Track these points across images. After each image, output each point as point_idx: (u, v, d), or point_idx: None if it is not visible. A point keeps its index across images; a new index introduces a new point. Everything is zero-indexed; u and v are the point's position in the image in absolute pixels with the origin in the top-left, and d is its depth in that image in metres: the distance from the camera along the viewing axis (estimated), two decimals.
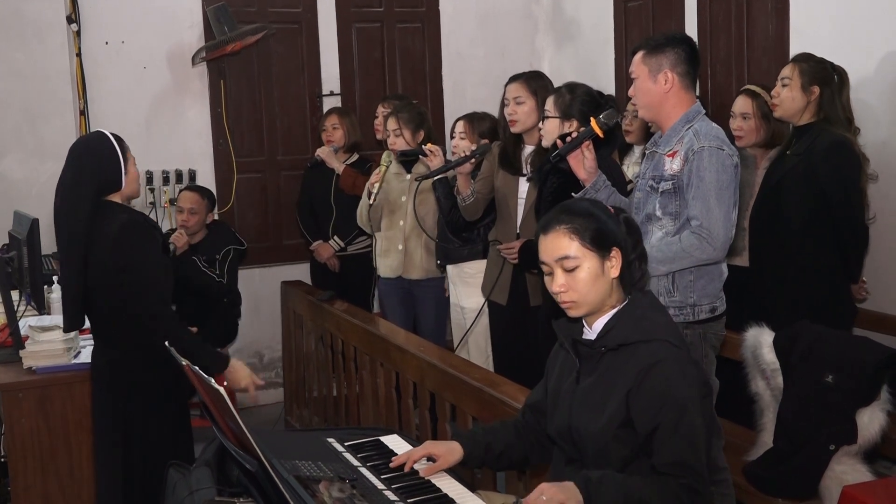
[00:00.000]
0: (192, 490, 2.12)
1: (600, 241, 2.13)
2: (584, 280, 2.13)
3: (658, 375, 2.03)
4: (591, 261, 2.13)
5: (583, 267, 2.13)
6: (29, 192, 4.94)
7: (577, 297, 2.14)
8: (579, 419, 2.13)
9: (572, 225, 2.14)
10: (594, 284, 2.13)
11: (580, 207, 2.19)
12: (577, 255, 2.13)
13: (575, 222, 2.14)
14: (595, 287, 2.13)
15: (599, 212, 2.19)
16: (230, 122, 5.49)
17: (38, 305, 3.68)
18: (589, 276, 2.13)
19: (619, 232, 2.18)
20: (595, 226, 2.14)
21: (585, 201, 2.28)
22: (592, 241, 2.13)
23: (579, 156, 3.03)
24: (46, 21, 5.03)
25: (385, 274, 4.61)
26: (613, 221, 2.19)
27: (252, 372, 3.30)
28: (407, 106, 4.60)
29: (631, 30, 5.35)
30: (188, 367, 2.09)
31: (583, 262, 2.13)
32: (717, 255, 2.83)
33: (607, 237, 2.14)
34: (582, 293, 2.14)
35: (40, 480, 3.43)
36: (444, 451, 2.27)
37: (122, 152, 3.04)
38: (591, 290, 2.13)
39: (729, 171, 2.82)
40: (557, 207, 2.23)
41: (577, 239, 2.13)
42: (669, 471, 1.98)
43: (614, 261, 2.15)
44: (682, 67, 2.92)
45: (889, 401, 2.85)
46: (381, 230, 4.61)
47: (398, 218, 4.51)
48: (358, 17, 5.78)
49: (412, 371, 3.47)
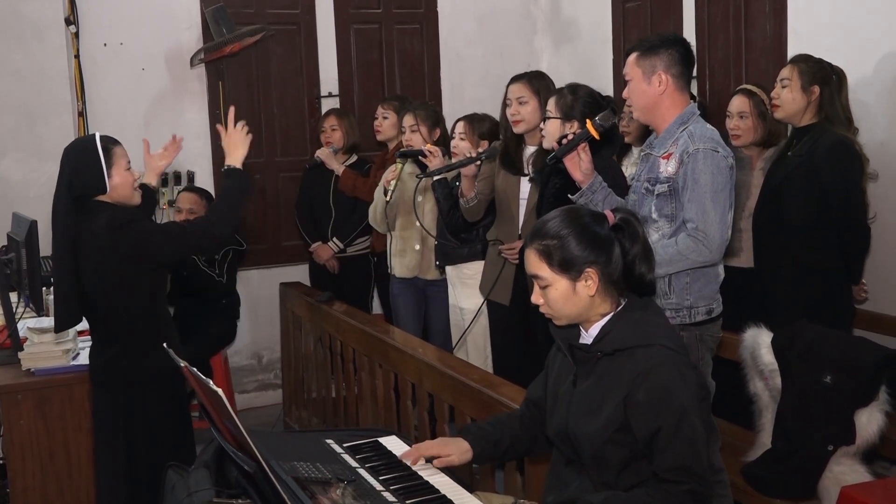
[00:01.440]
0: (190, 491, 2.12)
1: (569, 265, 2.12)
2: (554, 300, 2.15)
3: (656, 380, 2.02)
4: (561, 283, 2.13)
5: (554, 287, 2.14)
6: (27, 194, 4.94)
7: (552, 312, 2.18)
8: (576, 422, 2.13)
9: (542, 246, 2.14)
10: (566, 303, 2.15)
11: (553, 229, 2.15)
12: (546, 277, 2.14)
13: (544, 244, 2.14)
14: (567, 305, 2.15)
15: (572, 232, 2.12)
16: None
17: (36, 307, 3.67)
18: (559, 297, 2.15)
19: (600, 246, 2.12)
20: (562, 253, 2.12)
21: (561, 219, 2.18)
22: (561, 266, 2.12)
23: (575, 158, 3.03)
24: (45, 22, 5.03)
25: (401, 274, 4.60)
26: (593, 236, 2.12)
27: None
28: (424, 104, 4.62)
29: (629, 30, 5.35)
30: (186, 369, 2.09)
31: (553, 283, 2.14)
32: (713, 257, 2.82)
33: (577, 261, 2.12)
34: (556, 310, 2.17)
35: (39, 482, 3.43)
36: (456, 450, 2.28)
37: (107, 156, 3.02)
38: (564, 308, 2.15)
39: (724, 174, 2.81)
40: (535, 224, 2.23)
41: (546, 262, 2.14)
42: (672, 477, 1.98)
43: (589, 281, 2.12)
44: (676, 69, 2.91)
45: (887, 401, 2.86)
46: (395, 230, 4.61)
47: (414, 218, 4.50)
48: (356, 19, 5.79)
49: (411, 372, 3.47)
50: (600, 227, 2.16)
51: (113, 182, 3.02)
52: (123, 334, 3.06)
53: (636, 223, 2.21)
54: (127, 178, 3.06)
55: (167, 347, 2.38)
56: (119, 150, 3.07)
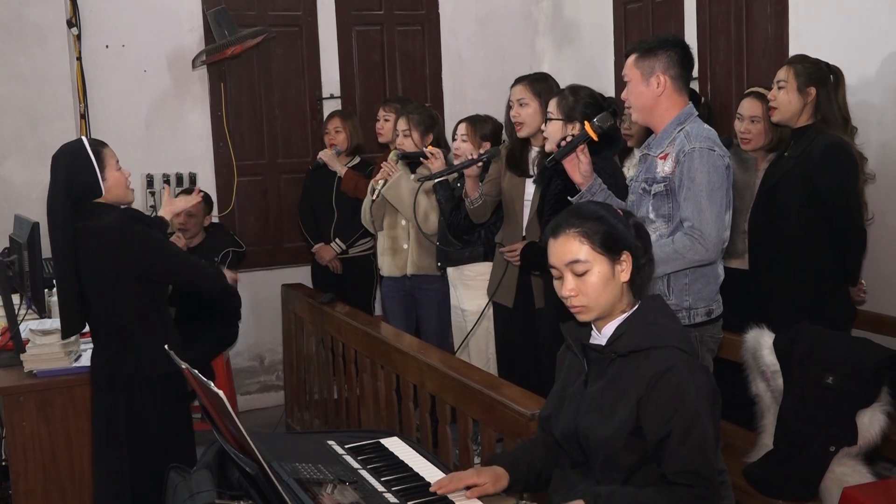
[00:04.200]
0: (192, 493, 2.12)
1: (610, 245, 2.10)
2: (594, 284, 2.10)
3: (669, 383, 2.01)
4: (602, 265, 2.10)
5: (593, 271, 2.10)
6: (29, 196, 4.94)
7: (587, 301, 2.11)
8: (587, 424, 2.11)
9: (582, 228, 2.11)
10: (605, 289, 2.10)
11: (590, 210, 2.16)
12: (588, 259, 2.10)
13: (585, 225, 2.11)
14: (605, 291, 2.10)
15: (609, 215, 2.15)
16: (230, 125, 5.49)
17: (38, 309, 3.68)
18: (599, 281, 2.10)
19: (628, 235, 2.14)
20: (605, 229, 2.10)
21: (594, 204, 2.23)
22: (602, 245, 2.09)
23: (574, 160, 3.03)
24: (47, 25, 5.04)
25: (390, 273, 4.61)
26: (623, 224, 2.15)
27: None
28: (419, 108, 4.62)
29: (631, 32, 5.35)
30: (188, 371, 2.09)
31: (593, 265, 2.10)
32: (709, 256, 2.81)
33: (617, 241, 2.11)
34: (592, 297, 2.11)
35: (41, 484, 3.44)
36: (491, 478, 2.16)
37: (98, 158, 3.04)
38: (602, 295, 2.11)
39: (720, 172, 2.81)
40: (567, 210, 2.20)
41: (588, 242, 2.10)
42: (680, 480, 1.97)
43: (625, 264, 2.11)
44: (674, 70, 2.91)
45: (889, 402, 2.85)
46: (383, 229, 4.61)
47: (401, 217, 4.51)
48: (358, 20, 5.79)
49: (413, 373, 3.47)
50: (621, 222, 2.16)
51: (107, 184, 3.05)
52: (125, 336, 3.06)
53: (645, 231, 2.22)
54: (119, 177, 3.10)
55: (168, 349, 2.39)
56: (108, 150, 3.11)
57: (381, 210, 4.55)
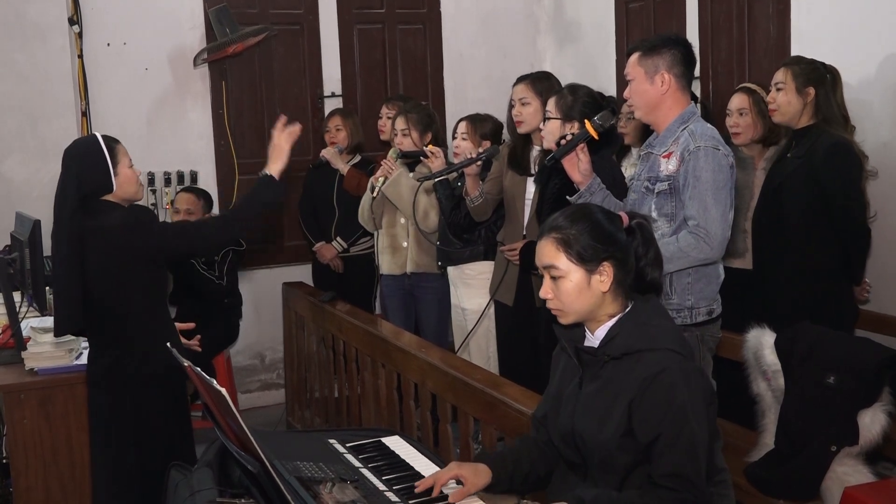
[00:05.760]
0: (193, 491, 2.13)
1: (589, 256, 2.10)
2: (567, 292, 2.11)
3: (661, 385, 2.00)
4: (577, 274, 2.10)
5: (567, 279, 2.11)
6: (31, 194, 4.94)
7: (561, 306, 2.14)
8: (583, 426, 2.11)
9: (563, 235, 2.12)
10: (578, 297, 2.11)
11: (579, 215, 2.15)
12: (562, 268, 2.11)
13: (565, 233, 2.11)
14: (579, 300, 2.11)
15: (599, 221, 2.13)
16: (232, 123, 5.49)
17: (39, 307, 3.68)
18: (573, 289, 2.11)
19: (616, 243, 2.12)
20: (585, 240, 2.10)
21: (589, 207, 2.22)
22: (579, 256, 2.10)
23: (574, 159, 3.03)
24: (48, 23, 5.04)
25: (389, 271, 4.61)
26: (609, 233, 2.13)
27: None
28: (417, 107, 4.62)
29: (632, 31, 5.35)
30: (190, 368, 2.09)
31: (568, 274, 2.11)
32: (714, 254, 2.82)
33: (597, 252, 2.10)
34: (566, 303, 2.13)
35: (42, 481, 3.44)
36: (471, 473, 2.16)
37: (112, 155, 3.04)
38: (576, 302, 2.12)
39: (725, 171, 2.81)
40: (560, 212, 2.20)
41: (564, 251, 2.11)
42: (667, 483, 1.97)
43: (604, 275, 2.11)
44: (678, 69, 2.91)
45: (890, 402, 2.85)
46: (381, 227, 4.61)
47: (400, 215, 4.51)
48: (359, 19, 5.79)
49: (413, 372, 3.47)
50: (615, 227, 2.15)
51: (119, 180, 3.04)
52: (125, 335, 3.05)
53: (650, 227, 2.21)
54: (131, 175, 3.09)
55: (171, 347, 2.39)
56: (121, 147, 3.10)
57: (381, 208, 4.55)
